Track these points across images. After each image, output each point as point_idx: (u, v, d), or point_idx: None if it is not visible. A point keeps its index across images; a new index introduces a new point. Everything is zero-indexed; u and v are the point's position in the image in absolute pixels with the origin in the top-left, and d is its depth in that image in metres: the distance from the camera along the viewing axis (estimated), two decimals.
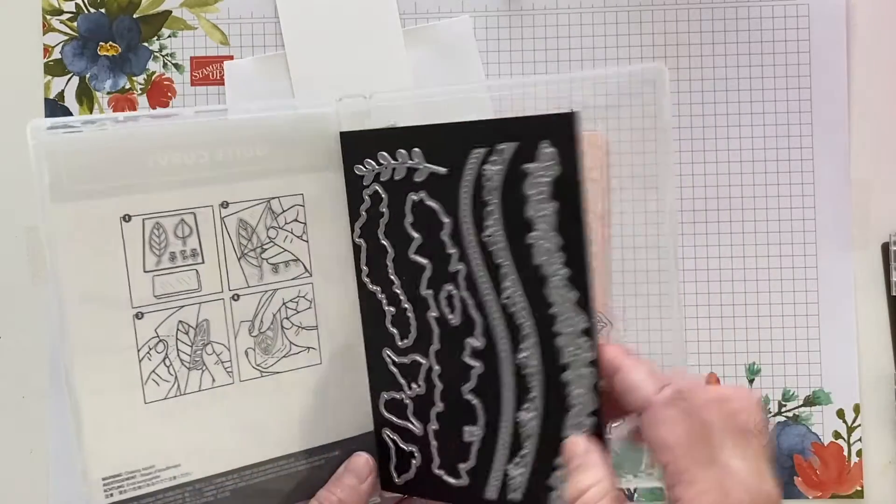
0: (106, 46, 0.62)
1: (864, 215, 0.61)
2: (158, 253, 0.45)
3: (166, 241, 0.45)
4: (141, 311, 0.45)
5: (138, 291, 0.45)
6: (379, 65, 0.61)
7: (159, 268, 0.45)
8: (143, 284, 0.45)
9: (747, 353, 0.61)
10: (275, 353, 0.47)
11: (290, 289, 0.47)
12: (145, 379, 0.45)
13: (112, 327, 0.44)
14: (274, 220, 0.47)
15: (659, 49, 0.62)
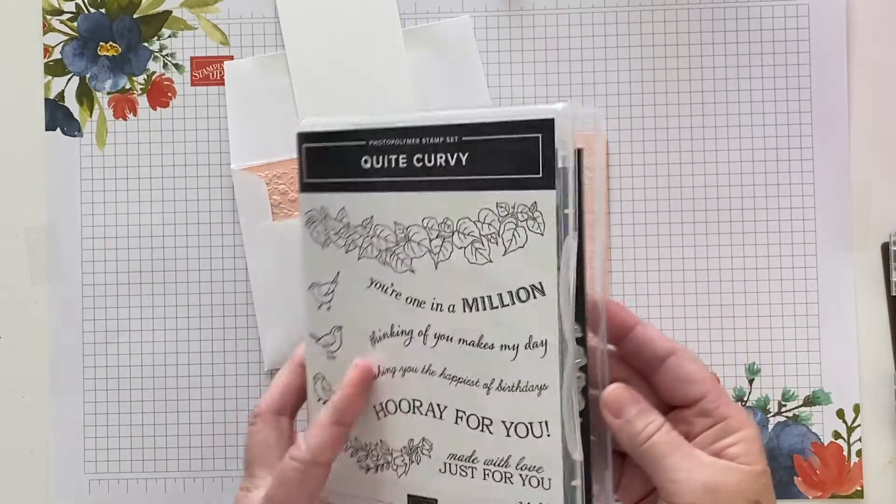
0: (106, 46, 0.62)
1: (864, 215, 0.61)
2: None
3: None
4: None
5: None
6: (379, 65, 0.61)
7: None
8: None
9: (747, 353, 0.61)
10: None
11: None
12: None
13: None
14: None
15: (659, 49, 0.62)
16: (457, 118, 0.43)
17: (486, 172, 0.42)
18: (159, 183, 0.62)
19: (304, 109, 0.61)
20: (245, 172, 0.61)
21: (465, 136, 0.43)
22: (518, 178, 0.42)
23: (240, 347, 0.61)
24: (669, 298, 0.61)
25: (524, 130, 0.42)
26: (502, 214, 0.42)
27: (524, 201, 0.41)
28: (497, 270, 0.42)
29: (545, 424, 0.42)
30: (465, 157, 0.43)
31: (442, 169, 0.43)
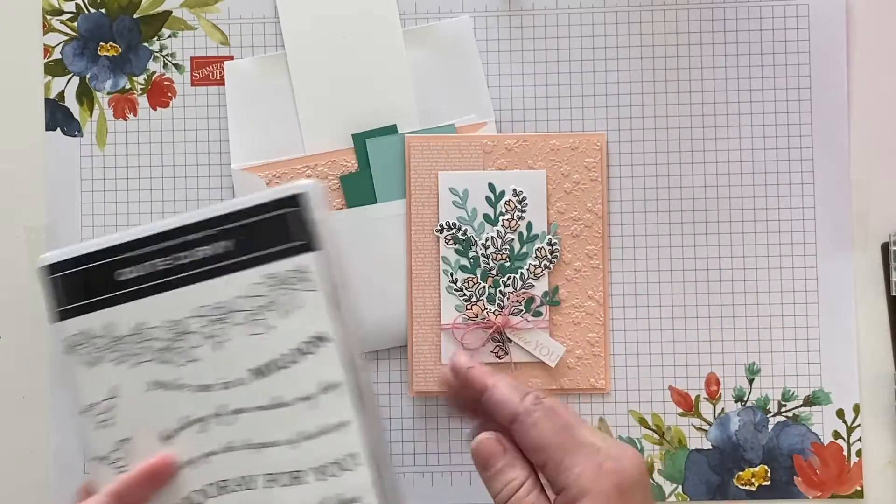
0: (106, 46, 0.62)
1: (864, 215, 0.61)
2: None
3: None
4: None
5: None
6: (379, 65, 0.61)
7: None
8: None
9: (747, 353, 0.61)
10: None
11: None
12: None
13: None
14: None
15: (659, 49, 0.62)
16: (210, 212, 0.46)
17: (250, 252, 0.45)
18: (159, 183, 0.62)
19: (304, 109, 0.61)
20: (245, 172, 0.61)
21: (224, 226, 0.45)
22: (283, 249, 0.45)
23: None
24: (669, 298, 0.61)
25: (278, 208, 0.45)
26: (273, 284, 0.45)
27: (292, 267, 0.45)
28: (279, 334, 0.45)
29: (353, 457, 0.45)
30: (228, 244, 0.45)
31: (207, 260, 0.46)
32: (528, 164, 0.60)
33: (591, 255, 0.61)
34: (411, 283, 0.60)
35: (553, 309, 0.60)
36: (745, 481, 0.61)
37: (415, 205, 0.60)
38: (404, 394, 0.61)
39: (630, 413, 0.61)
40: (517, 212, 0.60)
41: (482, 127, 0.61)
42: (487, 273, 0.60)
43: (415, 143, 0.61)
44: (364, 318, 0.60)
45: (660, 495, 0.61)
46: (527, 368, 0.60)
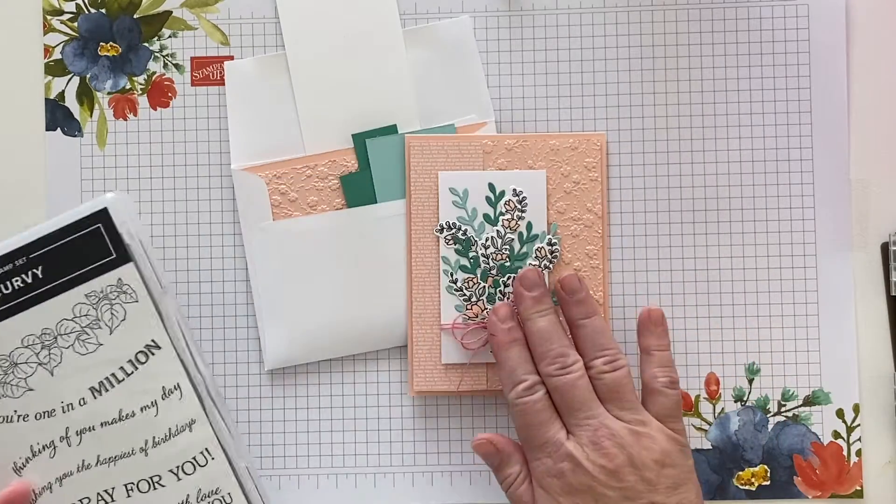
0: (106, 47, 0.62)
1: (863, 215, 0.61)
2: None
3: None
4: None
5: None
6: (379, 65, 0.61)
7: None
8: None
9: (747, 353, 0.61)
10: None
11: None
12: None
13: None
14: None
15: (659, 49, 0.62)
16: (16, 242, 0.47)
17: (66, 274, 0.46)
18: (159, 183, 0.62)
19: (304, 109, 0.61)
20: (245, 172, 0.61)
21: (31, 254, 0.46)
22: (97, 266, 0.46)
23: (240, 347, 0.61)
24: (669, 298, 0.61)
25: (84, 227, 0.46)
26: (94, 301, 0.46)
27: (110, 282, 0.46)
28: (110, 349, 0.46)
29: (206, 451, 0.47)
30: (40, 271, 0.46)
31: (22, 289, 0.46)
32: (528, 164, 0.60)
33: (591, 255, 0.61)
34: (411, 283, 0.60)
35: None
36: (744, 481, 0.61)
37: (415, 205, 0.60)
38: (404, 394, 0.61)
39: None
40: (517, 212, 0.60)
41: (482, 127, 0.61)
42: (487, 273, 0.60)
43: (415, 143, 0.61)
44: (364, 318, 0.61)
45: None
46: None
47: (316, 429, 0.61)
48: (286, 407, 0.61)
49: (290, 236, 0.61)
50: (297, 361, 0.61)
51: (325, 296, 0.60)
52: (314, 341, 0.61)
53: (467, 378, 0.60)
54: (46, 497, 0.47)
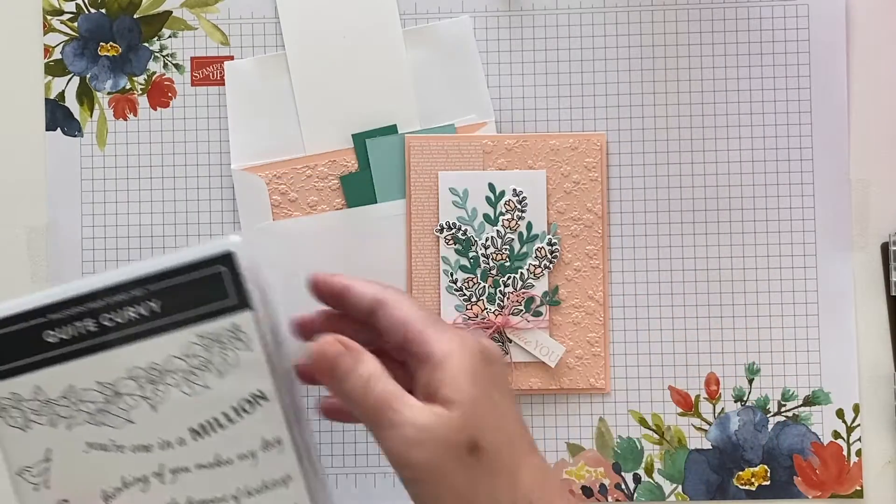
0: (106, 47, 0.62)
1: (863, 215, 0.61)
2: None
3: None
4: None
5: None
6: (379, 65, 0.61)
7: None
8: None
9: (747, 353, 0.61)
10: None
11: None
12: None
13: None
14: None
15: (659, 49, 0.62)
16: (136, 272, 0.45)
17: (182, 311, 0.45)
18: (159, 183, 0.62)
19: (305, 109, 0.61)
20: (245, 172, 0.61)
21: (151, 286, 0.45)
22: (214, 308, 0.45)
23: None
24: (669, 298, 0.61)
25: (207, 267, 0.45)
26: (207, 344, 0.45)
27: (226, 326, 0.45)
28: (216, 394, 0.45)
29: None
30: (157, 305, 0.45)
31: (136, 321, 0.45)
32: (528, 164, 0.60)
33: (591, 255, 0.61)
34: (411, 283, 0.60)
35: (553, 309, 0.60)
36: (744, 481, 0.61)
37: (415, 205, 0.60)
38: None
39: (630, 413, 0.61)
40: (517, 212, 0.60)
41: (482, 127, 0.61)
42: (487, 273, 0.60)
43: (415, 143, 0.61)
44: None
45: (659, 495, 0.61)
46: (527, 368, 0.60)
47: (316, 429, 0.61)
48: None
49: (290, 236, 0.61)
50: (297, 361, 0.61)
51: None
52: None
53: None
54: None
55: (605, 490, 0.61)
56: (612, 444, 0.61)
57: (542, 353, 0.60)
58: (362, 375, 0.43)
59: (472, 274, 0.60)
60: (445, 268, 0.60)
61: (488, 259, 0.60)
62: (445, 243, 0.60)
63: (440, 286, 0.60)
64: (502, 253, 0.60)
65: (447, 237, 0.60)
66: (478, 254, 0.60)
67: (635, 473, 0.61)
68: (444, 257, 0.60)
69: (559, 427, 0.61)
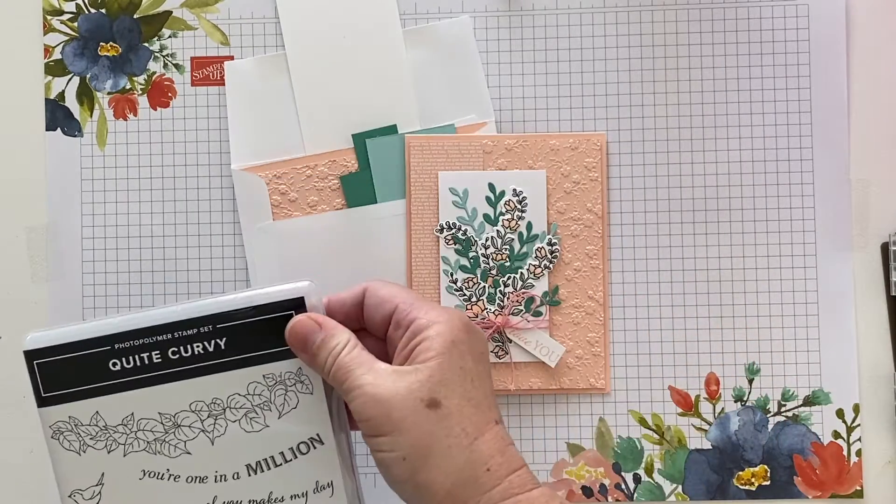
0: (106, 47, 0.62)
1: (863, 215, 0.61)
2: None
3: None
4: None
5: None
6: (379, 65, 0.61)
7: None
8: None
9: (747, 353, 0.61)
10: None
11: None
12: None
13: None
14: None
15: (659, 49, 0.62)
16: (206, 309, 0.46)
17: (248, 352, 0.46)
18: (159, 183, 0.62)
19: (304, 109, 0.61)
20: (245, 172, 0.61)
21: (220, 324, 0.46)
22: (280, 351, 0.46)
23: None
24: (669, 298, 0.61)
25: (277, 309, 0.46)
26: (271, 384, 0.46)
27: (290, 369, 0.46)
28: (275, 433, 0.46)
29: None
30: (223, 342, 0.46)
31: (201, 356, 0.46)
32: (528, 164, 0.61)
33: (591, 255, 0.61)
34: (411, 283, 0.60)
35: (553, 309, 0.60)
36: (744, 481, 0.61)
37: (415, 205, 0.60)
38: None
39: (630, 413, 0.61)
40: (517, 212, 0.60)
41: (482, 127, 0.61)
42: (487, 273, 0.60)
43: (415, 143, 0.61)
44: None
45: (660, 495, 0.61)
46: (527, 368, 0.60)
47: None
48: None
49: (290, 236, 0.61)
50: None
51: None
52: None
53: None
54: None
55: (605, 490, 0.61)
56: (612, 444, 0.61)
57: (542, 353, 0.60)
58: (333, 348, 0.45)
59: (472, 274, 0.60)
60: (445, 268, 0.60)
61: (488, 259, 0.60)
62: (445, 243, 0.60)
63: (440, 286, 0.60)
64: (502, 253, 0.60)
65: (447, 237, 0.60)
66: (478, 254, 0.60)
67: (635, 473, 0.61)
68: (444, 257, 0.60)
69: (559, 427, 0.61)
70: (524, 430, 0.61)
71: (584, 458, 0.61)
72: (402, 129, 0.61)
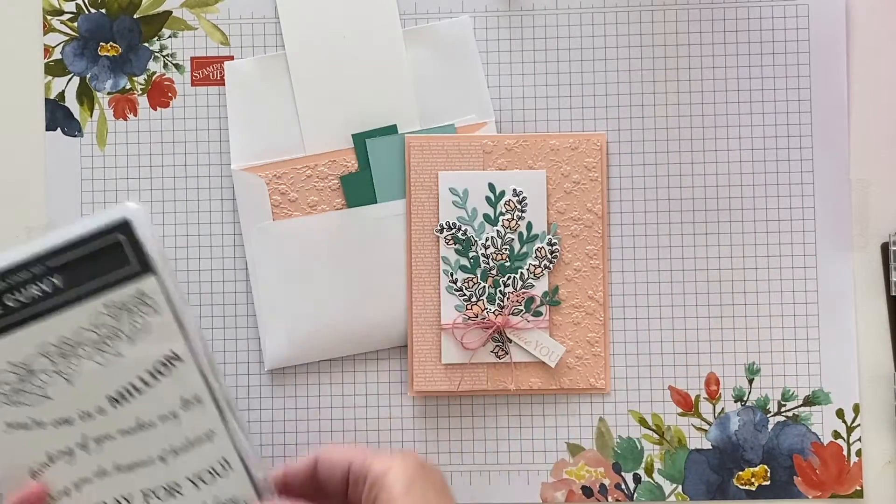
0: (106, 47, 0.62)
1: (863, 215, 0.61)
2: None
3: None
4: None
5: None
6: (379, 65, 0.61)
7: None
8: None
9: (747, 353, 0.61)
10: None
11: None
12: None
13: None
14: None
15: (659, 49, 0.62)
16: (34, 250, 0.45)
17: (85, 283, 0.45)
18: (159, 183, 0.62)
19: (304, 109, 0.61)
20: (245, 172, 0.61)
21: (50, 262, 0.45)
22: (117, 277, 0.45)
23: (240, 347, 0.61)
24: (669, 298, 0.61)
25: (104, 236, 0.45)
26: (114, 312, 0.46)
27: (131, 293, 0.45)
28: (130, 360, 0.46)
29: (225, 461, 0.47)
30: (58, 280, 0.45)
31: (40, 298, 0.45)
32: (528, 164, 0.61)
33: (591, 255, 0.61)
34: (411, 283, 0.60)
35: (553, 309, 0.60)
36: (744, 481, 0.61)
37: (415, 205, 0.60)
38: (404, 394, 0.61)
39: (630, 413, 0.61)
40: (517, 212, 0.60)
41: (482, 127, 0.61)
42: (487, 273, 0.60)
43: (415, 143, 0.61)
44: (364, 318, 0.61)
45: (660, 495, 0.61)
46: (527, 368, 0.60)
47: (316, 429, 0.61)
48: (286, 407, 0.61)
49: (290, 236, 0.61)
50: (297, 361, 0.61)
51: (325, 296, 0.60)
52: (314, 341, 0.61)
53: (467, 378, 0.60)
54: (65, 501, 0.47)
55: (605, 490, 0.61)
56: (612, 444, 0.61)
57: (542, 353, 0.60)
58: None
59: (472, 274, 0.60)
60: (445, 268, 0.60)
61: (488, 259, 0.60)
62: (445, 243, 0.60)
63: (440, 286, 0.60)
64: (502, 253, 0.60)
65: (447, 237, 0.60)
66: (478, 254, 0.60)
67: (635, 473, 0.61)
68: (444, 257, 0.60)
69: (559, 427, 0.61)
70: (524, 430, 0.61)
71: (584, 458, 0.61)
72: (402, 129, 0.61)
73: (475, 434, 0.61)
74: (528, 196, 0.60)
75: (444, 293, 0.60)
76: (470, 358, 0.60)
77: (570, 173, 0.61)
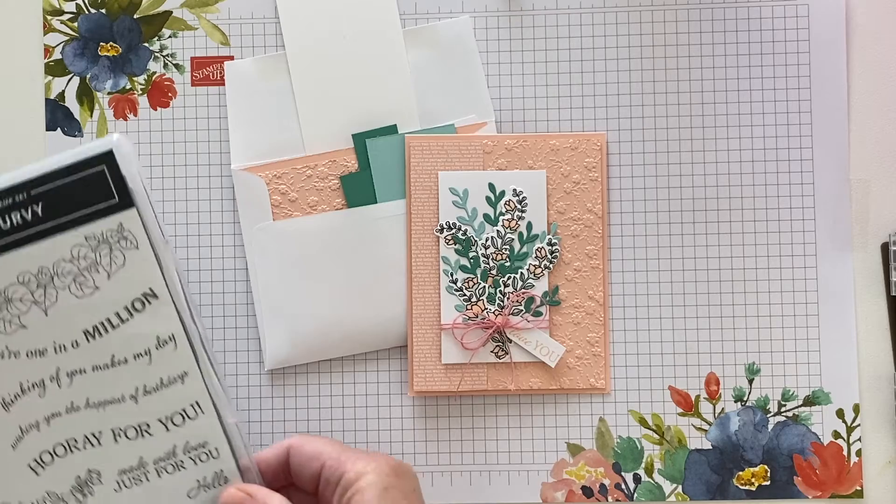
0: (106, 47, 0.62)
1: (863, 215, 0.61)
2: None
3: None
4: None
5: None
6: (379, 65, 0.61)
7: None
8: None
9: (747, 353, 0.61)
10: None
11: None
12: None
13: None
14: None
15: (659, 49, 0.62)
16: (18, 177, 0.45)
17: (67, 214, 0.45)
18: (159, 183, 0.62)
19: (304, 109, 0.61)
20: (245, 172, 0.61)
21: (33, 191, 0.45)
22: (98, 209, 0.45)
23: (240, 347, 0.61)
24: (669, 298, 0.61)
25: (88, 167, 0.45)
26: (94, 245, 0.46)
27: (111, 226, 0.45)
28: (107, 294, 0.46)
29: (197, 405, 0.46)
30: (40, 208, 0.45)
31: (21, 226, 0.45)
32: (528, 164, 0.61)
33: (591, 255, 0.61)
34: (411, 283, 0.60)
35: (553, 309, 0.60)
36: (744, 481, 0.61)
37: (415, 205, 0.60)
38: (404, 394, 0.61)
39: (630, 413, 0.61)
40: (517, 212, 0.60)
41: (482, 127, 0.61)
42: (487, 273, 0.60)
43: (415, 143, 0.61)
44: (364, 318, 0.61)
45: (660, 495, 0.61)
46: (527, 368, 0.60)
47: (316, 429, 0.61)
48: (286, 407, 0.61)
49: (290, 236, 0.61)
50: (297, 361, 0.61)
51: (325, 296, 0.60)
52: (314, 341, 0.61)
53: (467, 378, 0.60)
54: (33, 434, 0.46)
55: (605, 490, 0.61)
56: (612, 444, 0.61)
57: (542, 353, 0.60)
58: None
59: (472, 274, 0.60)
60: (445, 268, 0.60)
61: (488, 259, 0.60)
62: (445, 243, 0.60)
63: (440, 286, 0.60)
64: (502, 253, 0.60)
65: (447, 237, 0.60)
66: (478, 254, 0.60)
67: (635, 473, 0.61)
68: (444, 257, 0.60)
69: (559, 427, 0.61)
70: (524, 430, 0.61)
71: (584, 458, 0.61)
72: (402, 129, 0.61)
73: (475, 434, 0.61)
74: (528, 196, 0.60)
75: (444, 293, 0.60)
76: (470, 358, 0.60)
77: (570, 173, 0.61)
